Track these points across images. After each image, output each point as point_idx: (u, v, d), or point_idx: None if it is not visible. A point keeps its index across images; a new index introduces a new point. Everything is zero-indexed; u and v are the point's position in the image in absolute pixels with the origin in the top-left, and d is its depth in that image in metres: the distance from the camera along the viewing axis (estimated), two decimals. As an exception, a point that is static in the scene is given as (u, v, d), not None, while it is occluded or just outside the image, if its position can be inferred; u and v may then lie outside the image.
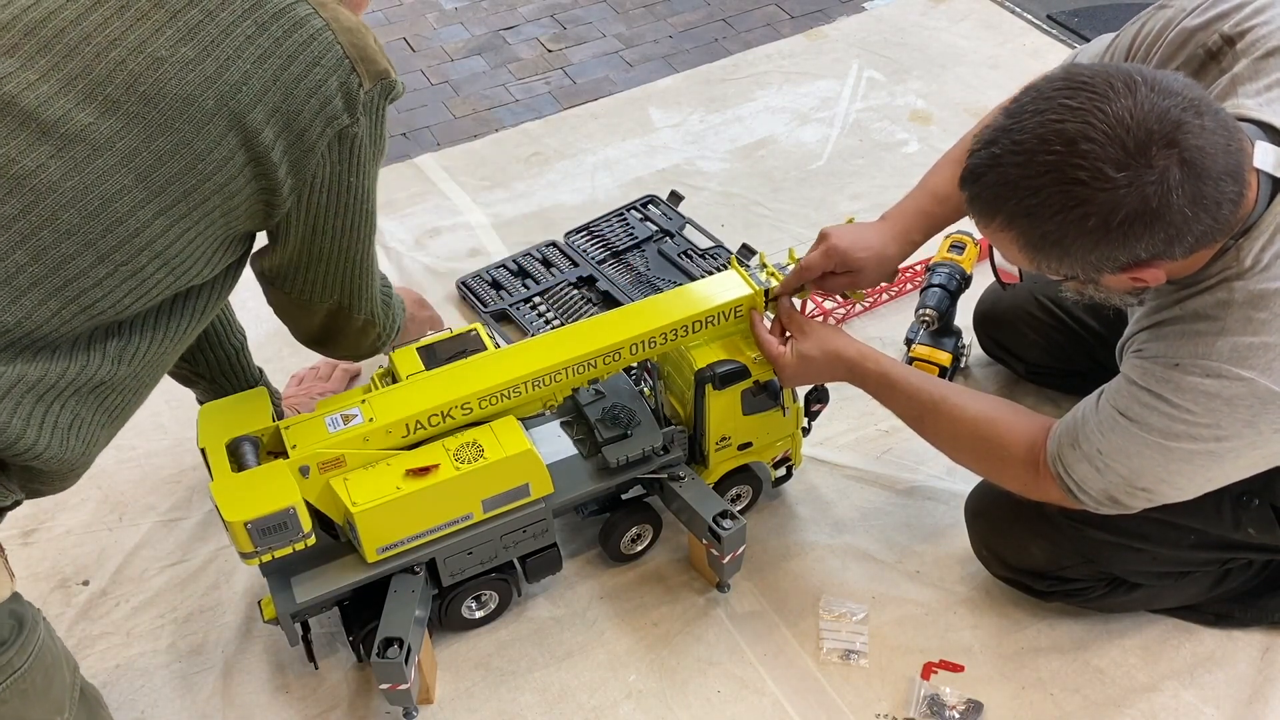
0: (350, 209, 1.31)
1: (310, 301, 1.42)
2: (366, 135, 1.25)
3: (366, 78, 1.22)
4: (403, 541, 1.48)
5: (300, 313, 1.45)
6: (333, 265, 1.37)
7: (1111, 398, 1.27)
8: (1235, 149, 1.09)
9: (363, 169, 1.28)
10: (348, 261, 1.38)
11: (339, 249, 1.35)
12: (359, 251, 1.38)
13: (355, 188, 1.29)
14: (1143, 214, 1.07)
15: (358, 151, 1.25)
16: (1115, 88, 1.07)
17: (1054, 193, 1.08)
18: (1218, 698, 1.54)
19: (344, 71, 1.20)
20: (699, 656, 1.62)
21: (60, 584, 1.74)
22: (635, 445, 1.60)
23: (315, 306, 1.43)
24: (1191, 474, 1.25)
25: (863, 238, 1.56)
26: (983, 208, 1.15)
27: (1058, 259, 1.14)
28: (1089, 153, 1.06)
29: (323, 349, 1.55)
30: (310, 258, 1.35)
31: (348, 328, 1.48)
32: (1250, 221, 1.15)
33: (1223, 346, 1.16)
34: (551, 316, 2.16)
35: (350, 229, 1.33)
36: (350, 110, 1.21)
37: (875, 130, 2.63)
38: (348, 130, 1.22)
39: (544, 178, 2.56)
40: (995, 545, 1.61)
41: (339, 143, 1.23)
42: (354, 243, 1.36)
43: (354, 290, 1.43)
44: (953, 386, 1.48)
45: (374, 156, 1.29)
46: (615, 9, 3.17)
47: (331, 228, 1.31)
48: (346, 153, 1.24)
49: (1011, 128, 1.11)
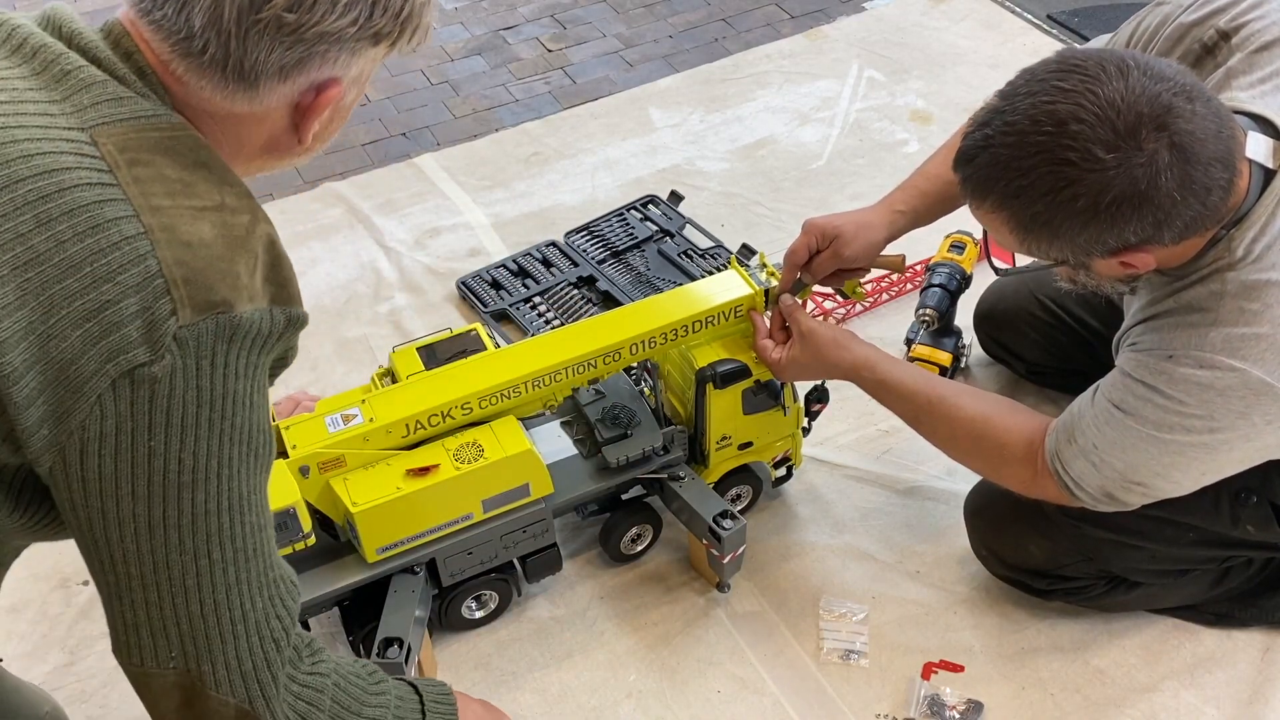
0: (164, 494, 0.90)
1: (143, 665, 0.96)
2: (183, 384, 0.88)
3: (187, 306, 0.86)
4: (403, 541, 1.48)
5: (143, 693, 0.99)
6: (151, 590, 0.93)
7: (1106, 391, 1.28)
8: (1226, 136, 1.10)
9: (178, 433, 0.89)
10: (177, 586, 0.93)
11: (155, 561, 0.92)
12: (201, 573, 0.93)
13: (167, 459, 0.89)
14: (1131, 196, 1.08)
15: (162, 404, 0.87)
16: (1107, 71, 1.08)
17: (1044, 173, 1.09)
18: (1218, 698, 1.54)
19: (150, 293, 0.86)
20: (699, 656, 1.62)
21: (60, 584, 1.74)
22: (635, 445, 1.60)
23: (151, 677, 0.97)
24: (1186, 467, 1.25)
25: (840, 212, 1.59)
26: (975, 189, 1.16)
27: (1048, 241, 1.15)
28: (1079, 134, 1.07)
29: None
30: (111, 567, 0.94)
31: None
32: (1242, 212, 1.16)
33: (1215, 337, 1.17)
34: (551, 316, 2.16)
35: (169, 527, 0.91)
36: (151, 344, 0.86)
37: (875, 130, 2.64)
38: (142, 371, 0.86)
39: (544, 178, 2.56)
40: (994, 544, 1.61)
41: (130, 386, 0.86)
42: (181, 554, 0.92)
43: (208, 643, 0.95)
44: (951, 385, 1.48)
45: (208, 420, 0.90)
46: (615, 9, 3.17)
47: (132, 517, 0.90)
48: (144, 403, 0.87)
49: (1004, 109, 1.12)
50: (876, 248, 1.59)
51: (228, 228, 0.91)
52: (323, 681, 1.05)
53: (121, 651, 0.97)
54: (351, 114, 1.11)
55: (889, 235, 1.59)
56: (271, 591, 0.98)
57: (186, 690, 0.97)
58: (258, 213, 0.96)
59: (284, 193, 2.55)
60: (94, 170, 0.87)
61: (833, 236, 1.56)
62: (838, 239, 1.56)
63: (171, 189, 0.90)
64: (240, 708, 0.98)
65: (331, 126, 1.03)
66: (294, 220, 2.45)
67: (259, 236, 0.94)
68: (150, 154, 0.90)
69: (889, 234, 1.59)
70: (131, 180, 0.88)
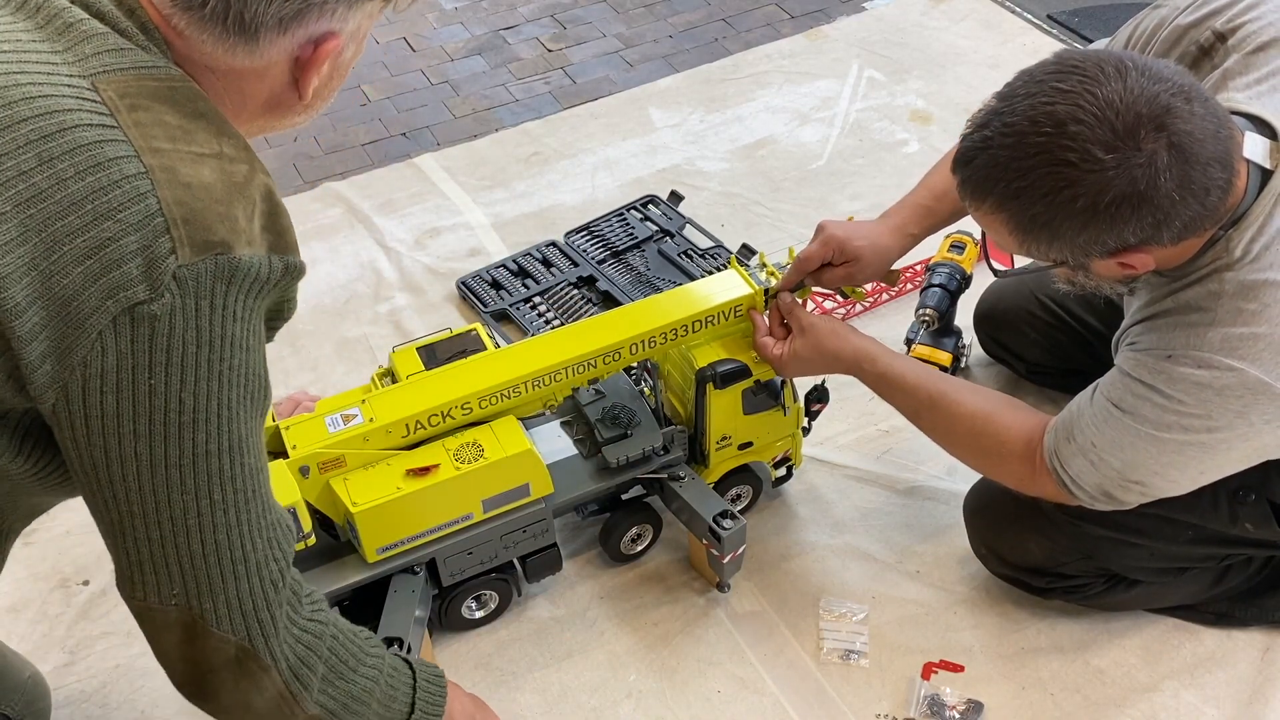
0: (165, 433, 0.92)
1: (145, 601, 0.98)
2: (182, 324, 0.89)
3: (186, 246, 0.88)
4: (403, 541, 1.48)
5: (145, 627, 1.01)
6: (154, 528, 0.95)
7: (1105, 390, 1.28)
8: (1224, 136, 1.10)
9: (178, 372, 0.90)
10: (179, 526, 0.95)
11: (158, 500, 0.94)
12: (202, 513, 0.95)
13: (167, 398, 0.91)
14: (1130, 196, 1.08)
15: (162, 342, 0.89)
16: (1106, 72, 1.08)
17: (1043, 174, 1.09)
18: (1218, 698, 1.54)
19: (150, 232, 0.87)
20: (699, 656, 1.62)
21: (60, 584, 1.74)
22: (635, 445, 1.60)
23: (154, 612, 0.99)
24: (1184, 466, 1.25)
25: (859, 229, 1.58)
26: (974, 190, 1.16)
27: (1047, 242, 1.15)
28: (1078, 134, 1.07)
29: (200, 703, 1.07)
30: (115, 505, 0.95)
31: (214, 659, 1.01)
32: (1240, 212, 1.16)
33: (1213, 337, 1.17)
34: (551, 316, 2.16)
35: (170, 466, 0.93)
36: (150, 282, 0.87)
37: (875, 130, 2.64)
38: (142, 309, 0.87)
39: (544, 178, 2.56)
40: (993, 542, 1.61)
41: (130, 324, 0.88)
42: (183, 493, 0.94)
43: (209, 581, 0.97)
44: (951, 381, 1.48)
45: (208, 361, 0.91)
46: (615, 9, 3.17)
47: (134, 456, 0.92)
48: (144, 341, 0.88)
49: (1003, 110, 1.12)
50: (889, 277, 1.63)
51: (227, 174, 0.93)
52: (321, 629, 1.08)
53: (125, 586, 0.99)
54: (353, 115, 1.12)
55: (902, 255, 1.61)
56: (270, 534, 1.00)
57: (188, 627, 0.99)
58: (256, 164, 0.97)
59: (284, 193, 2.52)
60: (95, 113, 0.89)
61: (852, 258, 1.57)
62: (857, 263, 1.57)
63: (172, 134, 0.91)
64: (240, 645, 1.00)
65: (331, 84, 1.04)
66: (294, 220, 2.40)
67: (257, 185, 0.96)
68: (150, 101, 0.91)
69: (902, 254, 1.61)
70: (132, 124, 0.90)
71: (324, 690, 1.08)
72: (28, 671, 1.42)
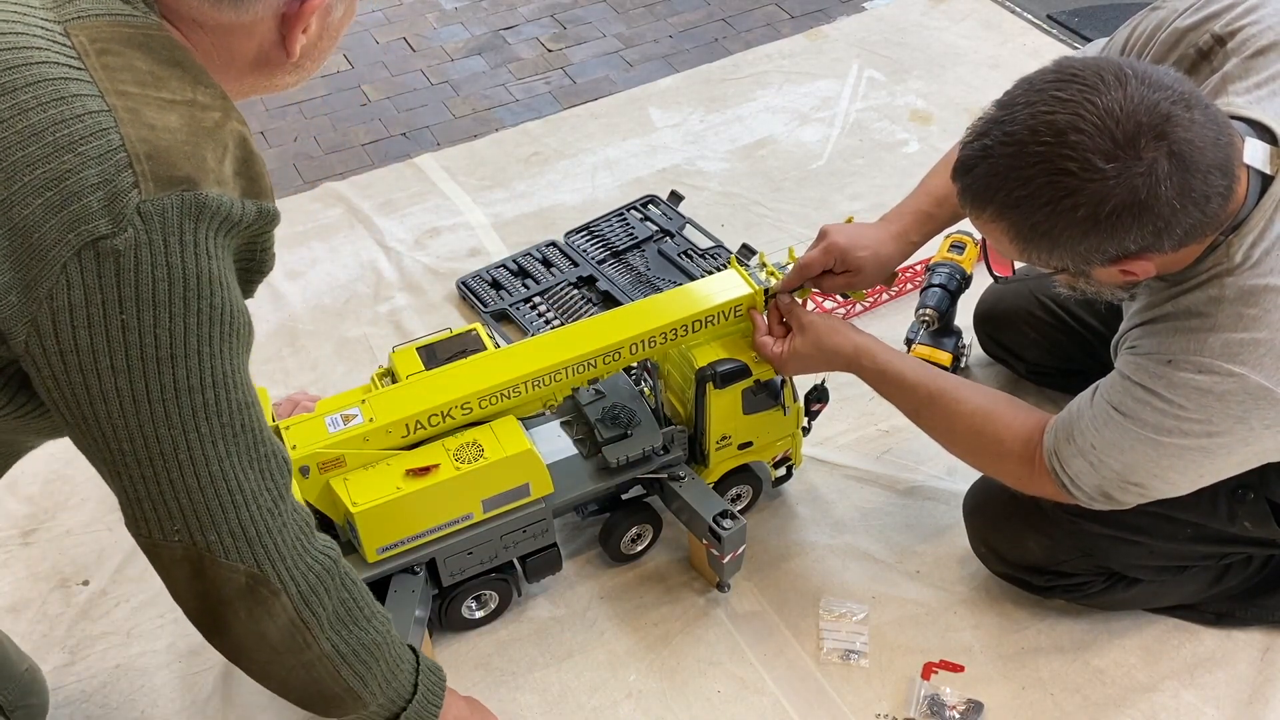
0: (144, 369, 0.92)
1: (151, 537, 1.00)
2: (150, 259, 0.89)
3: (149, 180, 0.88)
4: (403, 541, 1.48)
5: (155, 564, 1.03)
6: (145, 465, 0.95)
7: (1105, 393, 1.28)
8: (1225, 143, 1.10)
9: (149, 309, 0.90)
10: (170, 461, 0.95)
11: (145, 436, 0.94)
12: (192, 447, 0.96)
13: (141, 334, 0.90)
14: (1131, 205, 1.07)
15: (129, 278, 0.89)
16: (1105, 80, 1.08)
17: (1043, 183, 1.09)
18: (1218, 698, 1.54)
19: (111, 165, 0.87)
20: (699, 656, 1.62)
21: (60, 584, 1.74)
22: (635, 445, 1.60)
23: (160, 548, 1.01)
24: (1183, 469, 1.25)
25: (862, 236, 1.57)
26: (974, 199, 1.16)
27: (1047, 250, 1.15)
28: (1078, 144, 1.07)
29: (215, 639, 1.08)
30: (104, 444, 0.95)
31: (225, 590, 1.02)
32: (1240, 217, 1.16)
33: (1214, 342, 1.17)
34: (551, 316, 2.16)
35: (153, 401, 0.93)
36: (112, 216, 0.87)
37: (875, 130, 2.64)
38: (105, 243, 0.87)
39: (544, 178, 2.56)
40: (993, 541, 1.61)
41: (95, 258, 0.87)
42: (169, 429, 0.94)
43: (208, 514, 0.99)
44: (951, 379, 1.48)
45: (183, 298, 0.91)
46: (615, 9, 3.17)
47: (115, 392, 0.92)
48: (111, 276, 0.88)
49: (1003, 119, 1.12)
50: (888, 279, 1.63)
51: (196, 120, 0.93)
52: (333, 566, 1.09)
53: (130, 525, 1.01)
54: (353, 115, 1.13)
55: (901, 261, 1.61)
56: (263, 466, 1.01)
57: (194, 562, 1.00)
58: (231, 113, 0.97)
59: (284, 193, 2.55)
60: (62, 55, 0.90)
61: (855, 269, 1.56)
62: (859, 274, 1.57)
63: (141, 79, 0.92)
64: (250, 572, 1.02)
65: (321, 45, 1.05)
66: (294, 220, 2.45)
67: (230, 131, 0.96)
68: (122, 46, 0.92)
69: (901, 261, 1.61)
70: (100, 67, 0.91)
71: (335, 629, 1.10)
72: (25, 665, 1.42)
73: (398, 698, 1.20)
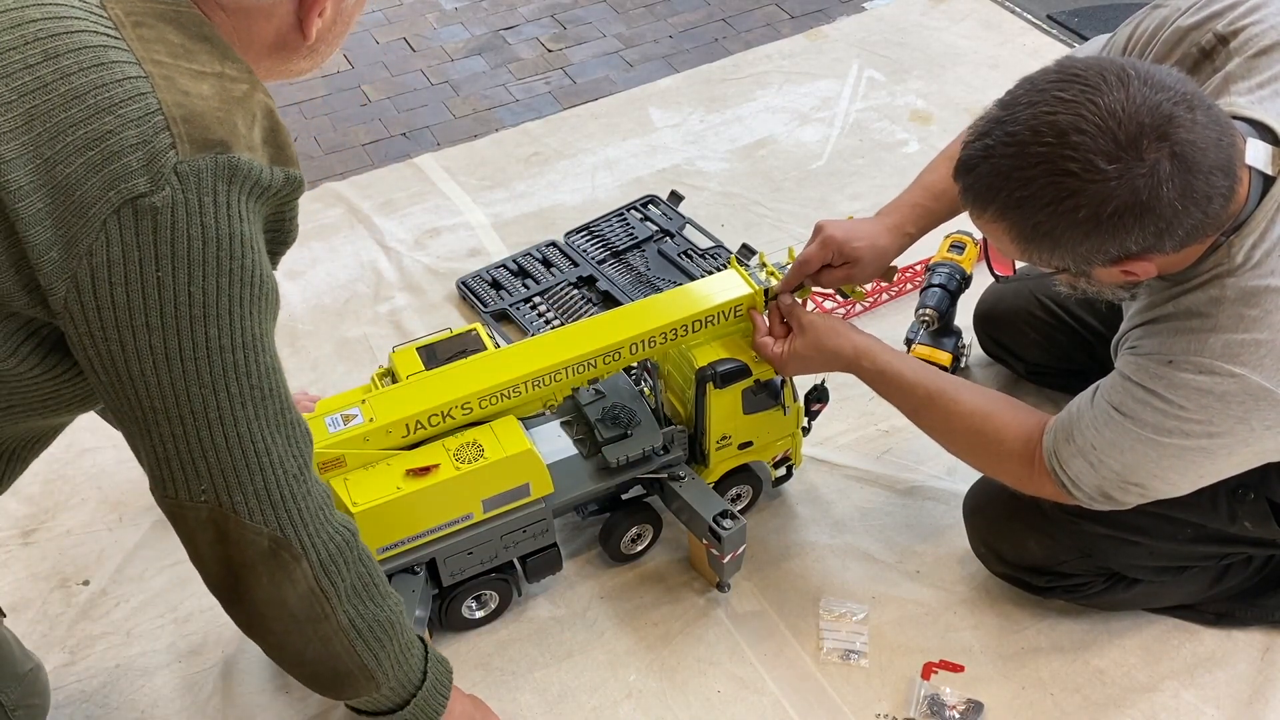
0: (177, 326, 0.94)
1: (177, 498, 1.02)
2: (185, 218, 0.92)
3: (185, 142, 0.92)
4: (403, 541, 1.48)
5: (179, 528, 1.05)
6: (175, 423, 0.98)
7: (1106, 393, 1.28)
8: (1227, 144, 1.10)
9: (184, 266, 0.93)
10: (200, 419, 0.98)
11: (176, 394, 0.97)
12: (221, 406, 0.98)
13: (176, 291, 0.93)
14: (1133, 206, 1.07)
15: (166, 235, 0.92)
16: (1108, 80, 1.08)
17: (1045, 184, 1.09)
18: (1218, 698, 1.54)
19: (150, 127, 0.91)
20: (699, 656, 1.62)
21: (60, 584, 1.74)
22: (635, 445, 1.60)
23: (185, 510, 1.02)
24: (1184, 470, 1.25)
25: (857, 229, 1.58)
26: (976, 199, 1.16)
27: (1049, 250, 1.15)
28: (1080, 144, 1.06)
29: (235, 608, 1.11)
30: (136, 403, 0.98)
31: (248, 553, 1.04)
32: (1242, 218, 1.16)
33: (1215, 343, 1.17)
34: (551, 316, 2.16)
35: (185, 359, 0.96)
36: (151, 175, 0.91)
37: (875, 130, 2.64)
38: (143, 201, 0.90)
39: (544, 178, 2.56)
40: (993, 541, 1.61)
41: (134, 216, 0.91)
42: (200, 387, 0.97)
43: (235, 475, 1.01)
44: (951, 379, 1.48)
45: (215, 257, 0.94)
46: (615, 9, 3.17)
47: (149, 349, 0.95)
48: (149, 234, 0.91)
49: (1005, 119, 1.12)
50: (886, 274, 1.62)
51: (226, 90, 0.97)
52: (352, 539, 1.12)
53: (157, 488, 1.03)
54: (353, 115, 1.15)
55: (897, 254, 1.61)
56: (289, 432, 1.04)
57: (219, 524, 1.02)
58: (258, 85, 1.01)
59: (284, 193, 2.54)
60: (101, 25, 0.95)
61: (851, 260, 1.57)
62: (856, 265, 1.57)
63: (174, 51, 0.96)
64: (273, 535, 1.04)
65: (335, 29, 1.09)
66: (294, 220, 2.45)
67: (258, 102, 1.00)
68: (155, 20, 0.97)
69: (898, 254, 1.61)
70: (135, 38, 0.95)
71: (352, 602, 1.11)
72: (29, 666, 1.42)
73: (408, 682, 1.21)
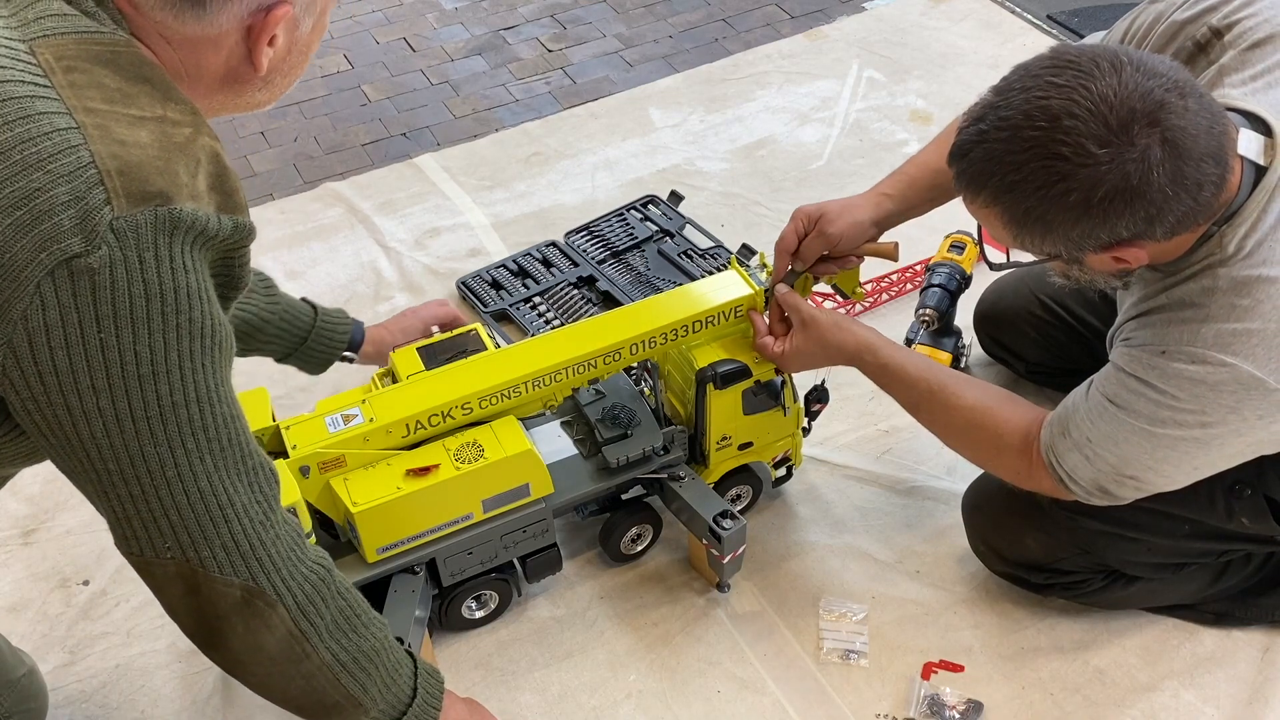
0: (125, 387, 0.90)
1: (142, 555, 0.98)
2: (126, 277, 0.87)
3: (122, 197, 0.87)
4: (403, 541, 1.48)
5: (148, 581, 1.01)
6: (133, 484, 0.94)
7: (1100, 385, 1.28)
8: (1218, 132, 1.11)
9: (128, 326, 0.89)
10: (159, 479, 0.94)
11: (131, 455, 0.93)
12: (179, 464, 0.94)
13: (121, 351, 0.89)
14: (1123, 191, 1.08)
15: (106, 295, 0.87)
16: (1101, 67, 1.09)
17: (1037, 168, 1.10)
18: (1218, 698, 1.54)
19: (83, 183, 0.86)
20: (699, 656, 1.62)
21: (60, 584, 1.74)
22: (635, 445, 1.60)
23: (152, 565, 0.99)
24: (1178, 461, 1.26)
25: (830, 200, 1.58)
26: (969, 183, 1.17)
27: (1041, 235, 1.16)
28: (1072, 129, 1.07)
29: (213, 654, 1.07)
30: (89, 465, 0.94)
31: (220, 605, 1.01)
32: (1234, 208, 1.17)
33: (1207, 333, 1.18)
34: (551, 316, 2.16)
35: (137, 419, 0.92)
36: (85, 234, 0.85)
37: (875, 130, 2.64)
38: (79, 262, 0.86)
39: (544, 178, 2.56)
40: (991, 539, 1.62)
41: (69, 278, 0.86)
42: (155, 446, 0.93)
43: (200, 530, 0.97)
44: (951, 374, 1.48)
45: (160, 313, 0.90)
46: (615, 9, 3.17)
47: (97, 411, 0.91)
48: (86, 294, 0.87)
49: (999, 104, 1.13)
50: (863, 229, 1.57)
51: (167, 136, 0.92)
52: (328, 575, 1.08)
53: (121, 545, 0.99)
54: (353, 115, 1.11)
55: (876, 217, 1.58)
56: (250, 479, 1.00)
57: (188, 578, 0.99)
58: (202, 128, 0.96)
59: (284, 193, 2.55)
60: (28, 73, 0.89)
61: (817, 217, 1.56)
62: (822, 218, 1.56)
63: (110, 96, 0.91)
64: (245, 585, 1.00)
65: (290, 60, 1.03)
66: (294, 220, 2.45)
67: (202, 146, 0.95)
68: (89, 64, 0.91)
69: (875, 215, 1.57)
70: (66, 84, 0.89)
71: (334, 638, 1.09)
72: (22, 670, 1.41)
73: (397, 703, 1.20)
